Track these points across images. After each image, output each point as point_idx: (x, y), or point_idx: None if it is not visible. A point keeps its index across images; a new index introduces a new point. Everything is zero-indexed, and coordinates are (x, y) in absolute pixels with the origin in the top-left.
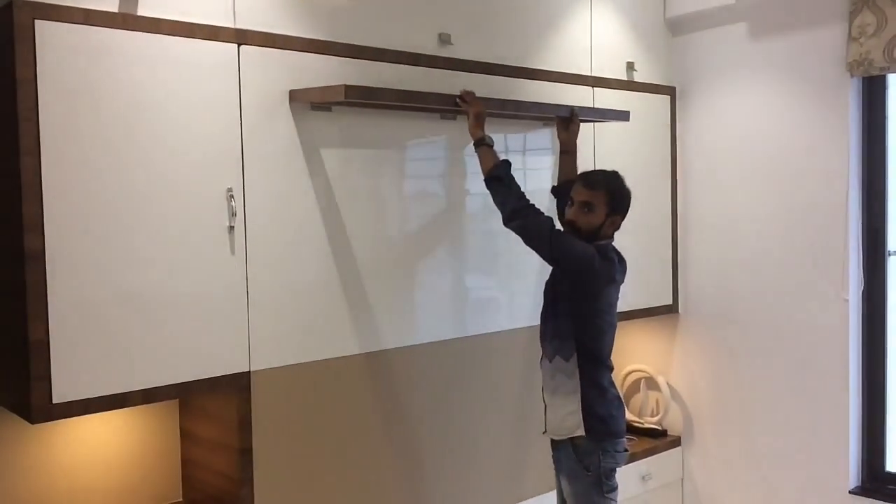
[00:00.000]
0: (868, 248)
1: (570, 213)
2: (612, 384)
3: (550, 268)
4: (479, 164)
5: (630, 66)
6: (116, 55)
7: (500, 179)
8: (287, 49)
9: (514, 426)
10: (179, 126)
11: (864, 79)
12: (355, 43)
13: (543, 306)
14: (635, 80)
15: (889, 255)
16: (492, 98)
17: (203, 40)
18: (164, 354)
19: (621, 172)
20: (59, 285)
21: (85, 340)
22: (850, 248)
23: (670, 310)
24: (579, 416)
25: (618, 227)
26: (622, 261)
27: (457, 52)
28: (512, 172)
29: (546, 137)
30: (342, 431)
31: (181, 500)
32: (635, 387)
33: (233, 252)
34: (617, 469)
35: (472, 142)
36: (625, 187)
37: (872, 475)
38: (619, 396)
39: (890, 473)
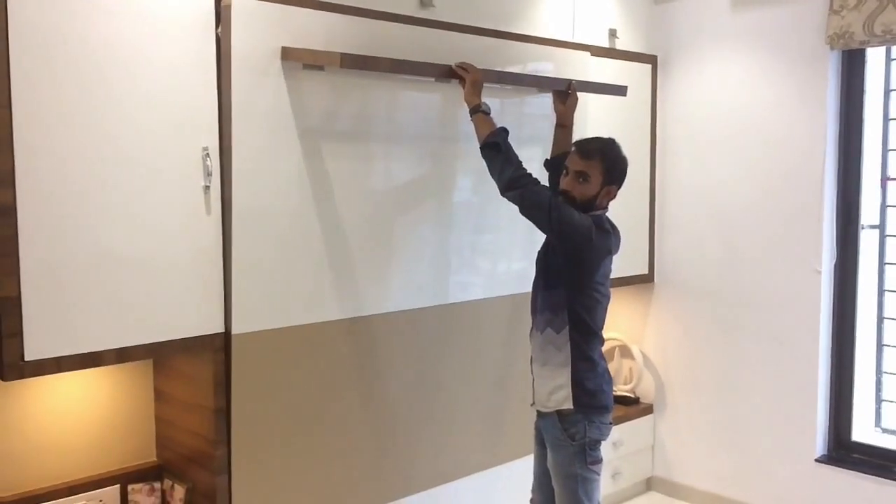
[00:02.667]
0: (841, 221)
1: (564, 182)
2: (603, 357)
3: (539, 237)
4: (474, 131)
5: (612, 34)
6: (90, 8)
7: (496, 147)
8: (272, 2)
9: (492, 393)
10: (155, 82)
11: (843, 52)
12: (338, 2)
13: (535, 276)
14: (617, 47)
15: (862, 228)
16: (490, 70)
17: None
18: (138, 314)
19: None
20: (31, 241)
21: (58, 298)
22: (823, 221)
23: (646, 279)
24: (568, 390)
25: (613, 197)
26: (616, 231)
27: (438, 14)
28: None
29: (541, 106)
30: (320, 394)
31: (155, 459)
32: (609, 355)
33: (208, 212)
34: (602, 441)
35: (468, 109)
36: (621, 156)
37: (839, 444)
38: (607, 370)
39: (856, 443)
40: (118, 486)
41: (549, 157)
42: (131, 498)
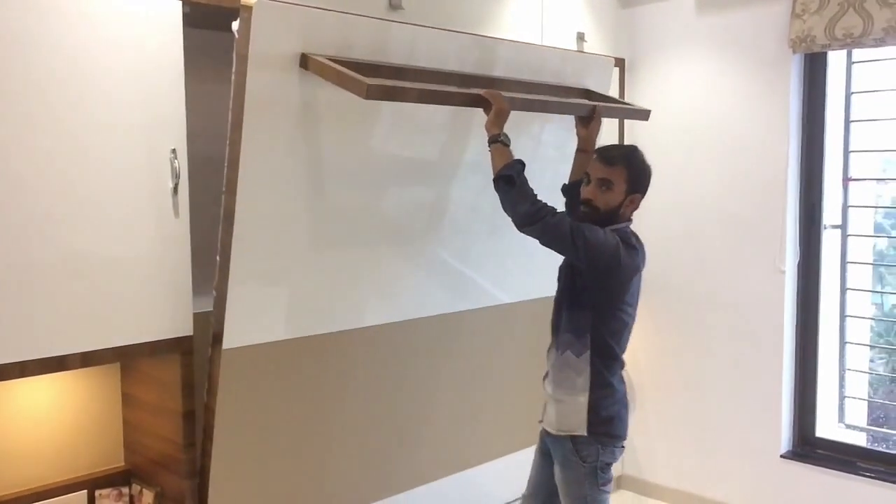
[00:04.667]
0: (804, 221)
1: (586, 191)
2: (622, 381)
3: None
4: (489, 161)
5: (580, 37)
6: (51, 8)
7: (510, 180)
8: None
9: (459, 409)
10: (120, 83)
11: (805, 56)
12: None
13: (558, 291)
14: (585, 50)
15: (824, 228)
16: (516, 97)
17: None
18: (103, 317)
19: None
20: None
21: (21, 301)
22: (787, 222)
23: None
24: (584, 416)
25: (636, 207)
26: (642, 246)
27: (407, 16)
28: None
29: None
30: (296, 397)
31: (123, 464)
32: None
33: (176, 214)
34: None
35: (487, 138)
36: (645, 163)
37: (803, 440)
38: (626, 394)
39: (820, 439)
40: (85, 491)
41: (566, 183)
42: (99, 503)
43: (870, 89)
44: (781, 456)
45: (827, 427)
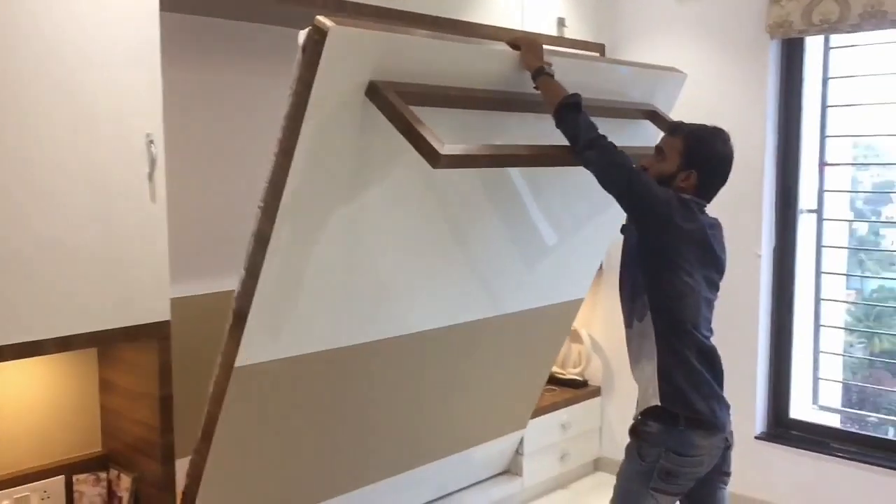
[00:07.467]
0: (781, 206)
1: (644, 159)
2: (704, 361)
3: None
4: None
5: (561, 22)
6: None
7: (576, 108)
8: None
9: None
10: (95, 66)
11: (783, 41)
12: None
13: (620, 274)
14: (566, 36)
15: (800, 213)
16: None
17: None
18: (80, 302)
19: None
20: None
21: None
22: (764, 206)
23: None
24: (656, 384)
25: (695, 185)
26: (711, 222)
27: (384, 1)
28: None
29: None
30: (301, 410)
31: (100, 449)
32: None
33: (153, 199)
34: (677, 488)
35: (531, 74)
36: (710, 142)
37: (777, 421)
38: (710, 382)
39: (793, 420)
40: (63, 476)
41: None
42: (76, 489)
43: (847, 75)
44: (756, 437)
45: (801, 408)
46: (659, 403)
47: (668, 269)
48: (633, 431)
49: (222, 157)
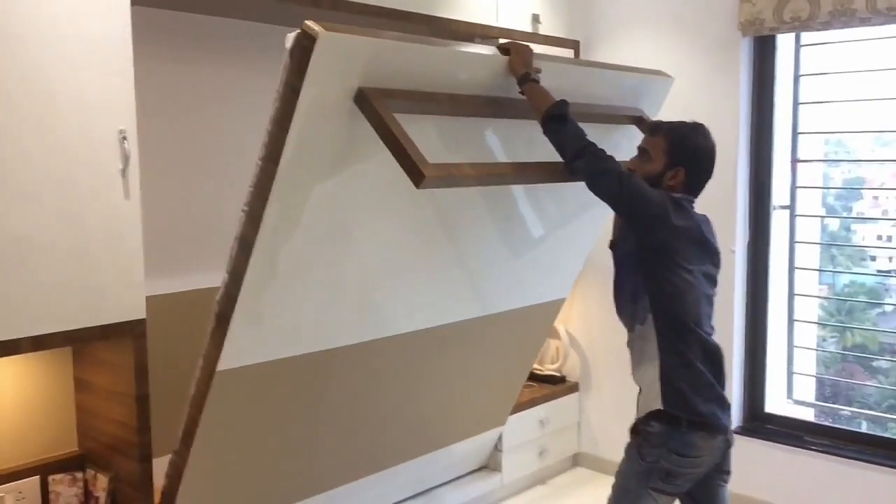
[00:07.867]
0: (754, 202)
1: (629, 162)
2: (707, 361)
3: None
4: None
5: (535, 19)
6: None
7: (562, 119)
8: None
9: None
10: (67, 62)
11: (755, 38)
12: None
13: (614, 277)
14: (540, 32)
15: (773, 209)
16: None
17: None
18: (54, 301)
19: None
20: None
21: None
22: (737, 203)
23: None
24: (658, 387)
25: (683, 182)
26: (707, 222)
27: None
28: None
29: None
30: (283, 412)
31: (76, 449)
32: None
33: (126, 196)
34: (676, 488)
35: (516, 79)
36: (692, 138)
37: (753, 416)
38: (712, 384)
39: (769, 414)
40: (38, 477)
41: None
42: (52, 489)
43: (818, 72)
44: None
45: (776, 403)
46: (661, 406)
47: (667, 267)
48: (635, 431)
49: (199, 154)
